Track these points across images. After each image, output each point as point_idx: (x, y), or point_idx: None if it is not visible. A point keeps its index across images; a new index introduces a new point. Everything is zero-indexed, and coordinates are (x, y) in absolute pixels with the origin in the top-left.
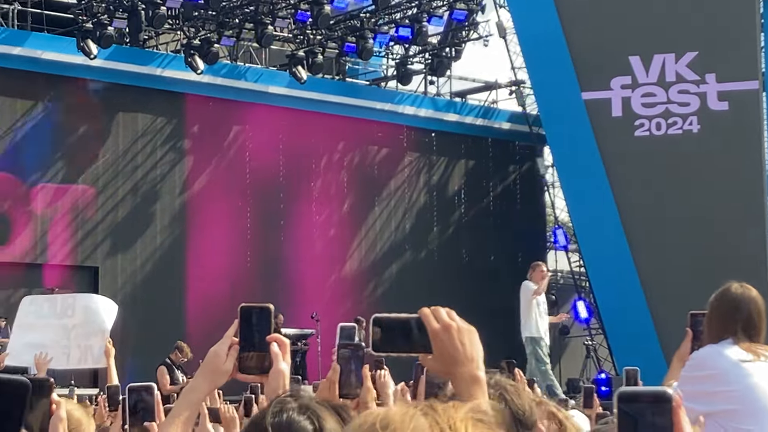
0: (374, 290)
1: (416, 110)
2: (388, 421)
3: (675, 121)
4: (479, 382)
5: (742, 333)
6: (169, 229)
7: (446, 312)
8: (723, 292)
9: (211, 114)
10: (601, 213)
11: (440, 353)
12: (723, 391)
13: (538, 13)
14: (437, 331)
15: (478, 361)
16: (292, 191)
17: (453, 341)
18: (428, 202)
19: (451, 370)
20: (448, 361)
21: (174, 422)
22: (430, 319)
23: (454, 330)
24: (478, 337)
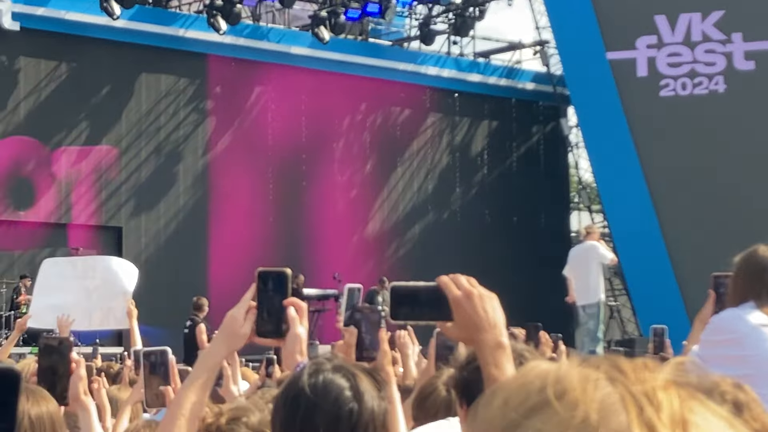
0: (396, 251)
1: (439, 71)
2: (564, 387)
3: (701, 81)
4: (504, 348)
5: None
6: (192, 190)
7: (466, 279)
8: (750, 254)
9: (233, 75)
10: (626, 173)
11: (462, 321)
12: (741, 356)
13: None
14: (459, 299)
15: (501, 328)
16: (314, 152)
17: (475, 308)
18: (451, 163)
19: (475, 337)
20: (471, 329)
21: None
22: (451, 286)
23: (476, 297)
24: (499, 303)
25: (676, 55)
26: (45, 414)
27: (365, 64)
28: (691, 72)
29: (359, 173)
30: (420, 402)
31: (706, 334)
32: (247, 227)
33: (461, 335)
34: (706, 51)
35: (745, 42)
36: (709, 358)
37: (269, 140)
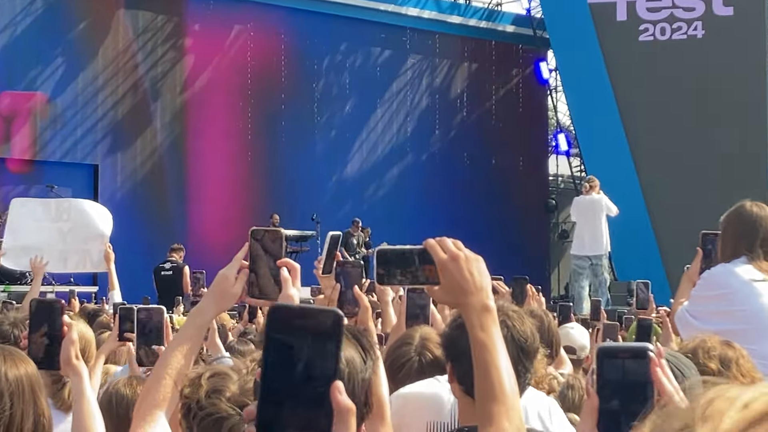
0: (375, 192)
1: (419, 12)
2: None
3: (680, 26)
4: (490, 311)
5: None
6: (169, 128)
7: (452, 242)
8: (737, 210)
9: (212, 13)
10: (604, 118)
11: (449, 284)
12: (732, 311)
13: None
14: (445, 262)
15: (487, 290)
16: (294, 92)
17: (461, 271)
18: (430, 104)
19: (461, 300)
20: (457, 292)
21: (180, 346)
22: (437, 249)
23: (462, 260)
24: (485, 266)
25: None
26: (24, 376)
27: (345, 4)
28: (670, 17)
29: (338, 114)
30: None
31: (697, 290)
32: (225, 167)
33: (447, 298)
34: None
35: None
36: (699, 313)
37: (248, 80)
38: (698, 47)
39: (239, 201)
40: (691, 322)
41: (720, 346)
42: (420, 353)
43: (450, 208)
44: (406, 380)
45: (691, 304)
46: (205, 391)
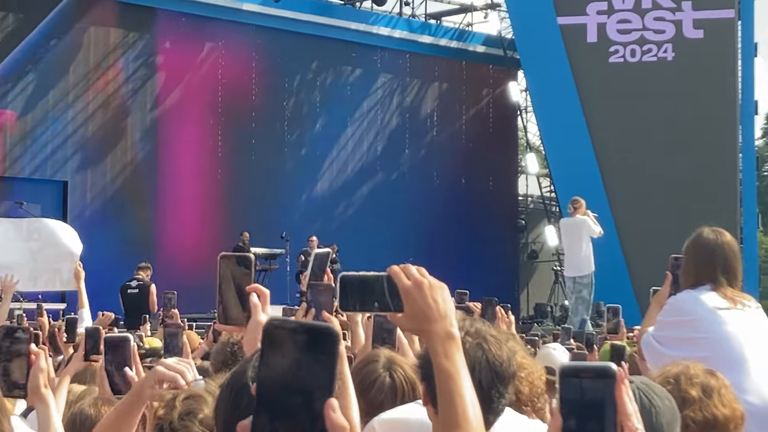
0: (345, 211)
1: (391, 31)
2: None
3: (650, 48)
4: (454, 339)
5: (721, 277)
6: (140, 145)
7: (416, 269)
8: (696, 238)
9: (183, 30)
10: (574, 139)
11: (412, 311)
12: (697, 338)
13: None
14: (409, 289)
15: (451, 318)
16: (264, 110)
17: (425, 298)
18: (401, 123)
19: (425, 327)
20: (421, 319)
21: None
22: (401, 276)
23: (426, 287)
24: (449, 293)
25: (625, 21)
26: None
27: (317, 23)
28: (641, 39)
29: (309, 132)
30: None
31: (663, 315)
32: (196, 184)
33: (411, 325)
34: (656, 18)
35: (694, 11)
36: (664, 339)
37: (219, 97)
38: (668, 69)
39: (209, 218)
40: (656, 348)
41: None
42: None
43: (420, 228)
44: (378, 396)
45: (657, 330)
46: (179, 412)
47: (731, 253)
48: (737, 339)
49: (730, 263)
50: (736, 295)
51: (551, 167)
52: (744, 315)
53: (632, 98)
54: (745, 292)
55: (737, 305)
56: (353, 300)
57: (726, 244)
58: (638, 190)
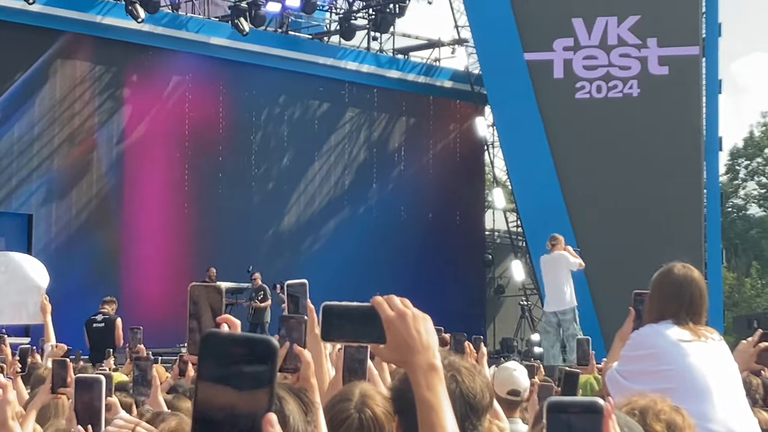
0: (312, 245)
1: (358, 66)
2: None
3: (615, 85)
4: (437, 370)
5: (685, 314)
6: (106, 178)
7: (400, 300)
8: (666, 272)
9: (151, 63)
10: (540, 174)
11: (395, 342)
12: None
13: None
14: (392, 319)
15: (434, 349)
16: (231, 144)
17: (408, 329)
18: (368, 158)
19: (407, 359)
20: (404, 350)
21: None
22: (384, 306)
23: (410, 318)
24: (432, 325)
25: (592, 58)
26: None
27: (284, 57)
28: (607, 75)
29: (276, 166)
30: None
31: (626, 350)
32: (162, 218)
33: (394, 357)
34: (622, 55)
35: (659, 47)
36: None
37: (186, 131)
38: (634, 105)
39: (176, 253)
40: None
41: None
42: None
43: (386, 262)
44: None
45: (621, 364)
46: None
47: (698, 290)
48: (701, 370)
49: (696, 301)
50: (699, 328)
51: (518, 202)
52: (707, 347)
53: (598, 134)
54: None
55: (700, 338)
56: (336, 330)
57: (695, 281)
58: (604, 225)
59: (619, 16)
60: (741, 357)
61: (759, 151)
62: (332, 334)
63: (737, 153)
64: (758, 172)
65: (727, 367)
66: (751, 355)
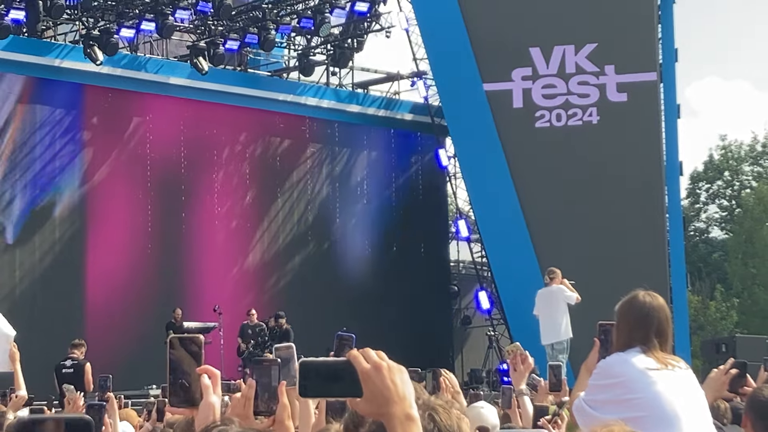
0: (277, 282)
1: (318, 101)
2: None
3: (575, 113)
4: (413, 421)
5: (652, 342)
6: (69, 222)
7: (375, 353)
8: (630, 301)
9: (111, 105)
10: (503, 204)
11: (371, 394)
12: (629, 399)
13: (440, 5)
14: (368, 372)
15: (410, 400)
16: (194, 183)
17: (384, 381)
18: (331, 193)
19: (384, 410)
20: (381, 402)
21: None
22: (360, 360)
23: (385, 369)
24: (408, 376)
25: (550, 86)
26: None
27: (244, 95)
28: (566, 103)
29: (239, 204)
30: None
31: (594, 379)
32: (126, 259)
33: (370, 409)
34: (580, 83)
35: (617, 74)
36: (595, 403)
37: (148, 171)
38: (594, 133)
39: (140, 294)
40: (588, 412)
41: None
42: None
43: (352, 296)
44: None
45: (588, 394)
46: None
47: (664, 317)
48: (669, 398)
49: (663, 327)
50: (666, 357)
51: (481, 232)
52: (674, 374)
53: (559, 162)
54: (675, 352)
55: (667, 366)
56: (313, 385)
57: (659, 308)
58: (568, 252)
59: (576, 45)
60: (714, 385)
61: (719, 174)
62: (310, 390)
63: (698, 177)
64: (719, 195)
65: (694, 395)
66: (723, 383)
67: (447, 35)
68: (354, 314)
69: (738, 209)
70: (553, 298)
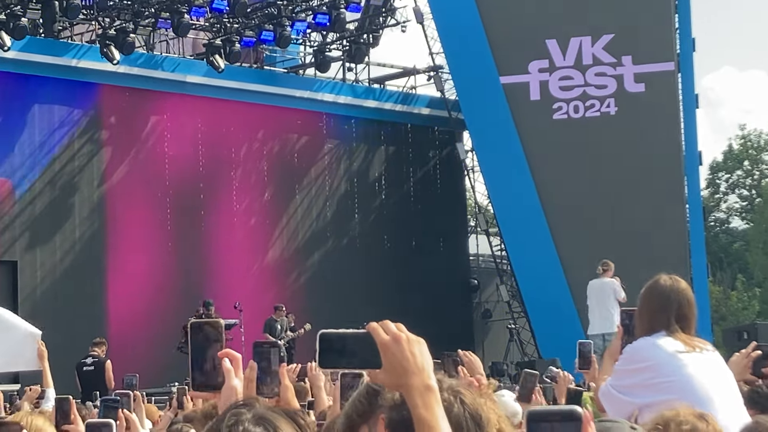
0: (297, 279)
1: (335, 97)
2: None
3: (593, 104)
4: (433, 391)
5: (675, 324)
6: (88, 222)
7: (395, 325)
8: (653, 285)
9: (128, 104)
10: (521, 196)
11: (391, 365)
12: (661, 382)
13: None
14: (387, 343)
15: (429, 371)
16: (212, 181)
17: (403, 352)
18: (349, 189)
19: (403, 381)
20: (400, 373)
21: None
22: (379, 331)
23: (404, 341)
24: (426, 348)
25: (567, 78)
26: None
27: (261, 92)
28: (583, 95)
29: (258, 201)
30: None
31: (621, 364)
32: (146, 258)
33: (390, 380)
34: (597, 74)
35: (634, 65)
36: (624, 388)
37: (166, 169)
38: (612, 124)
39: (161, 292)
40: (617, 397)
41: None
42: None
43: (372, 292)
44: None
45: (615, 379)
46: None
47: (686, 300)
48: (701, 380)
49: (685, 310)
50: (692, 340)
51: (501, 225)
52: (703, 357)
53: (578, 153)
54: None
55: (695, 348)
56: (332, 357)
57: (682, 291)
58: (587, 244)
59: (593, 36)
60: (735, 368)
61: (738, 164)
62: (329, 361)
63: (717, 167)
64: (739, 184)
65: (724, 377)
66: (745, 366)
67: (463, 29)
68: (373, 309)
69: (758, 198)
70: (606, 290)
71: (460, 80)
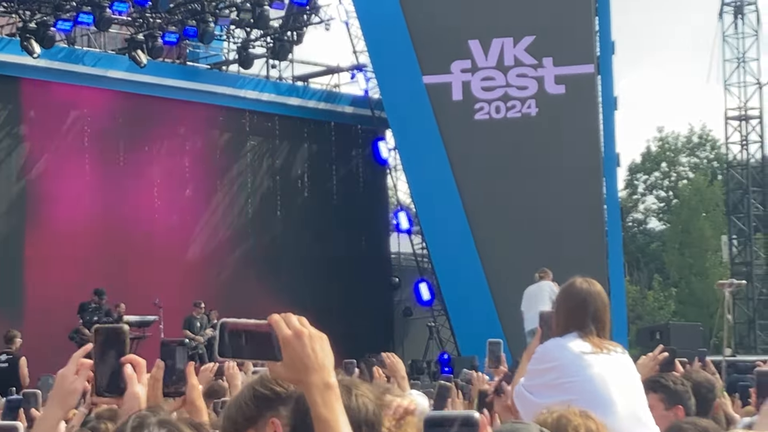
0: (218, 276)
1: (258, 94)
2: None
3: (514, 105)
4: (332, 389)
5: (589, 327)
6: (7, 217)
7: (297, 318)
8: (568, 287)
9: (48, 99)
10: (443, 195)
11: (291, 360)
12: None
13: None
14: (289, 338)
15: (330, 368)
16: (133, 177)
17: (305, 348)
18: (271, 186)
19: (303, 378)
20: (300, 369)
21: None
22: (281, 325)
23: (306, 337)
24: (328, 344)
25: (489, 79)
26: None
27: (184, 88)
28: (505, 96)
29: (179, 198)
30: None
31: (532, 364)
32: (66, 253)
33: (289, 375)
34: (519, 75)
35: (555, 66)
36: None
37: (87, 165)
38: (533, 125)
39: (80, 289)
40: (527, 397)
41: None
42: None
43: (294, 290)
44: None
45: (527, 379)
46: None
47: (601, 303)
48: (603, 381)
49: (600, 313)
50: (602, 342)
51: (422, 224)
52: (609, 358)
53: (499, 154)
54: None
55: (602, 350)
56: (232, 346)
57: (597, 294)
58: (508, 243)
59: (514, 37)
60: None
61: (656, 166)
62: (229, 351)
63: (635, 168)
64: (656, 186)
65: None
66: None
67: (386, 28)
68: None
69: (675, 200)
70: (544, 289)
71: (383, 79)
